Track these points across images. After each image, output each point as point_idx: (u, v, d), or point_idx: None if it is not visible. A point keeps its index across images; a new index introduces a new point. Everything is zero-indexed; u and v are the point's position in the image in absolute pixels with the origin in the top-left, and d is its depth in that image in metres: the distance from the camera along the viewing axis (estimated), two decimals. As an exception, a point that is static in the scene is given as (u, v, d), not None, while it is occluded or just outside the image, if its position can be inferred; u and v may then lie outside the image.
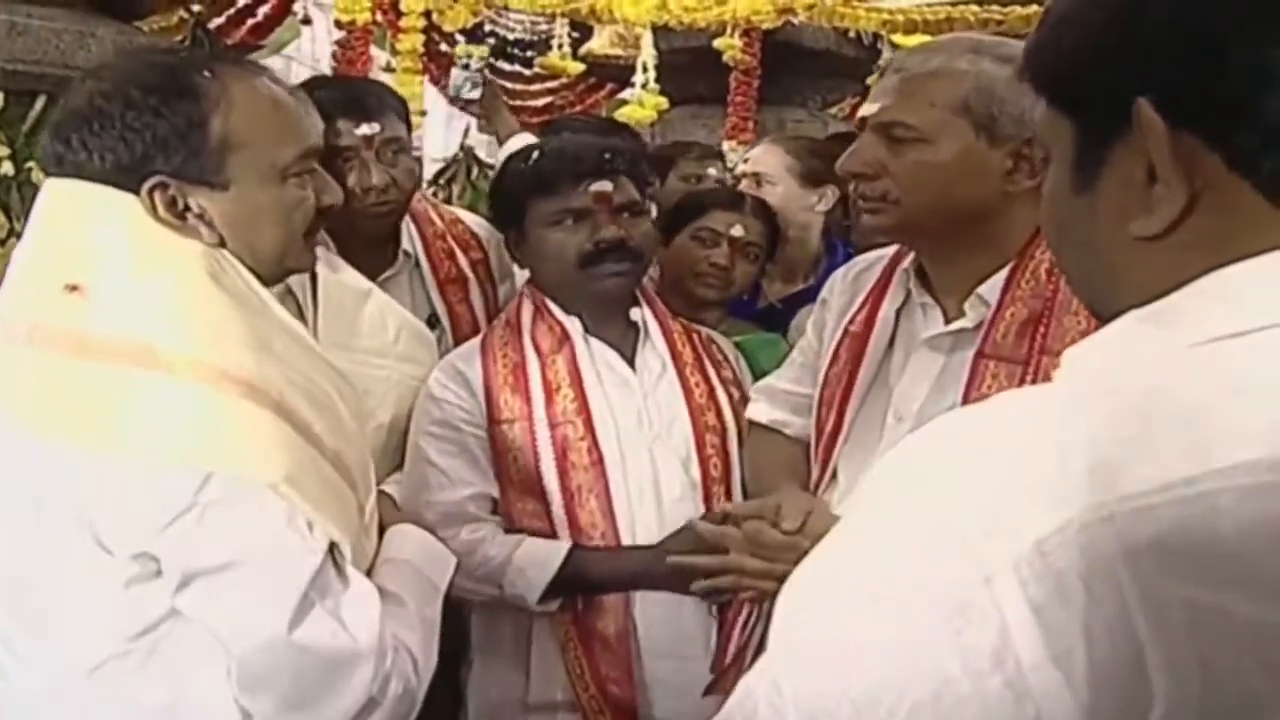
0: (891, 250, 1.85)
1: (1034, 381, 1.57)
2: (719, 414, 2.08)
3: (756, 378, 2.25)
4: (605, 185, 2.01)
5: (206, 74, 1.36)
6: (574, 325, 2.05)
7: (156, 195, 1.32)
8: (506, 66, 8.68)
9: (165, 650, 1.28)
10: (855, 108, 7.54)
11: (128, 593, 1.26)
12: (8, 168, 3.07)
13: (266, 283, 1.40)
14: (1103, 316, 0.82)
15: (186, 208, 1.34)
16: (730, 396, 2.12)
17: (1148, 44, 0.74)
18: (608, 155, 2.03)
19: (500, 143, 3.48)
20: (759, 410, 2.03)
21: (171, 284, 1.28)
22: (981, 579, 0.63)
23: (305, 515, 1.25)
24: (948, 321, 1.69)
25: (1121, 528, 0.62)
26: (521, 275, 2.38)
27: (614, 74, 8.07)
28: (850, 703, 0.66)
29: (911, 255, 1.78)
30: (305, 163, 1.43)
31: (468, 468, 1.98)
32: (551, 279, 2.08)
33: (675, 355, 2.09)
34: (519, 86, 8.62)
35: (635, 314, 2.11)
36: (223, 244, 1.36)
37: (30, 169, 2.54)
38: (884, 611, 0.66)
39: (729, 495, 2.05)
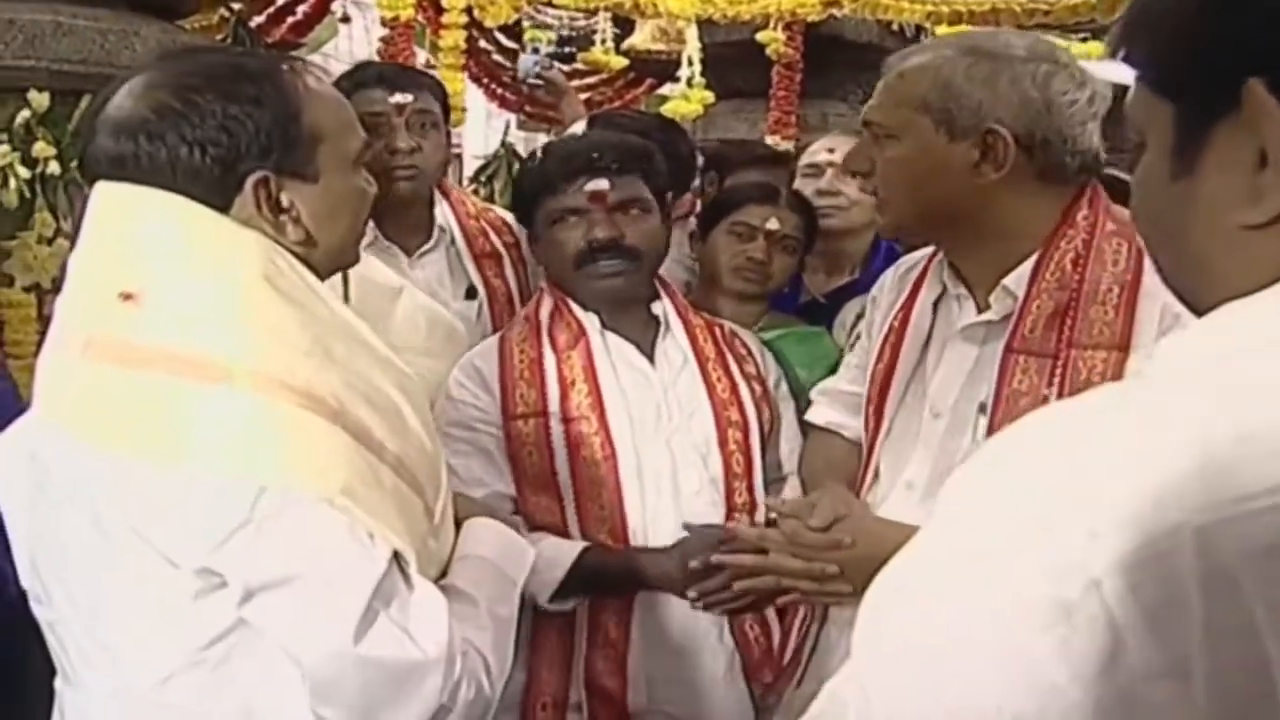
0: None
1: (1064, 375, 1.56)
2: (741, 408, 2.06)
3: (797, 372, 2.24)
4: (600, 184, 2.00)
5: (285, 67, 1.35)
6: (591, 320, 2.05)
7: (260, 191, 1.30)
8: (546, 62, 8.68)
9: (236, 659, 1.26)
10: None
11: (195, 605, 1.24)
12: (54, 167, 3.09)
13: (321, 278, 1.37)
14: (1197, 309, 0.79)
15: (279, 204, 1.32)
16: (753, 392, 2.10)
17: (1259, 21, 0.71)
18: (595, 154, 2.03)
19: (564, 128, 3.49)
20: (817, 413, 2.01)
21: (226, 289, 1.26)
22: (1088, 582, 0.60)
23: (365, 526, 1.22)
24: (980, 313, 1.69)
25: (1243, 531, 0.59)
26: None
27: (655, 69, 8.05)
28: (945, 711, 0.63)
29: None
30: (365, 152, 1.44)
31: (483, 468, 1.98)
32: (558, 277, 2.09)
33: (696, 349, 2.08)
34: (559, 82, 8.61)
35: (657, 307, 2.10)
36: (309, 241, 1.34)
37: (77, 167, 2.54)
38: (978, 617, 0.64)
39: (750, 491, 2.04)
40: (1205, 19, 0.74)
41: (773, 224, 2.44)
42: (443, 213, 2.58)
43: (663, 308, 2.10)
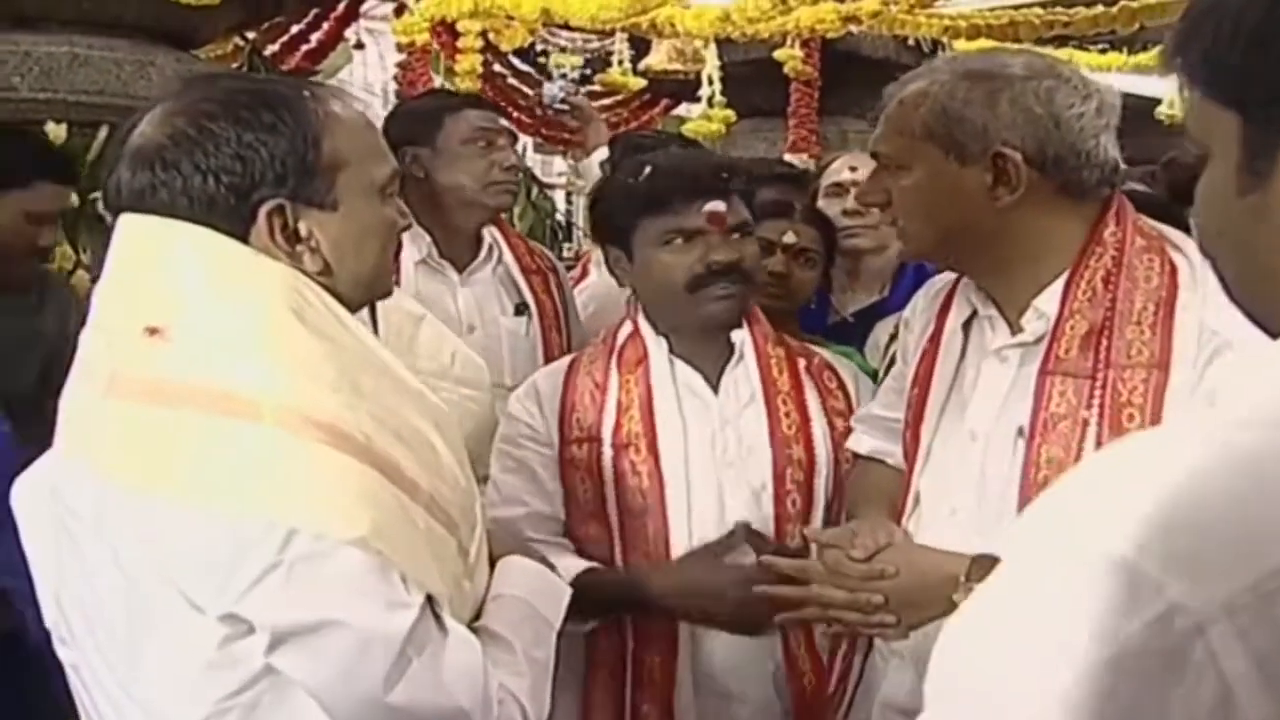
0: None
1: (1104, 396, 1.51)
2: (808, 446, 1.98)
3: None
4: (720, 205, 1.93)
5: (307, 93, 1.31)
6: (658, 345, 1.98)
7: (274, 219, 1.26)
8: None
9: (265, 707, 1.21)
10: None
11: (222, 652, 1.19)
12: (73, 199, 3.08)
13: (350, 310, 1.33)
14: (1270, 328, 0.74)
15: (296, 233, 1.28)
16: (832, 428, 2.02)
17: None
18: (725, 174, 1.96)
19: (587, 153, 3.51)
20: (859, 441, 1.96)
21: (253, 323, 1.22)
22: (1190, 628, 0.56)
23: (397, 568, 1.18)
24: (1013, 334, 1.64)
25: None
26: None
27: (671, 89, 8.04)
28: None
29: None
30: (395, 181, 1.38)
31: (524, 485, 1.93)
32: (657, 300, 2.00)
33: (768, 382, 2.00)
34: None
35: (736, 336, 2.02)
36: (328, 271, 1.30)
37: (96, 200, 2.53)
38: (1070, 669, 0.59)
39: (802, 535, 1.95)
40: (1273, 22, 0.69)
41: (789, 237, 2.40)
42: (490, 232, 2.69)
43: (741, 336, 2.02)
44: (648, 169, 2.00)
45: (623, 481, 1.90)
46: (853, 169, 2.81)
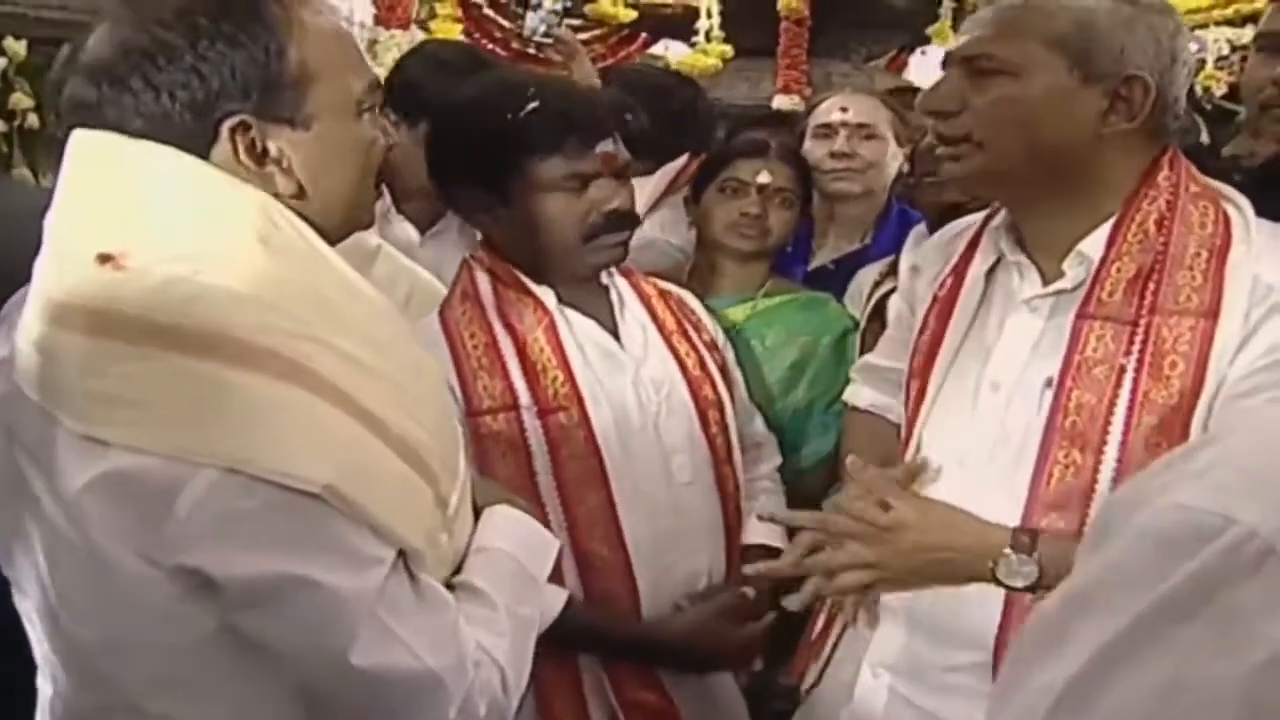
0: (982, 215, 1.74)
1: (1145, 343, 1.46)
2: (713, 384, 1.91)
3: (801, 340, 2.15)
4: (613, 146, 1.81)
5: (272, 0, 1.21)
6: (548, 296, 1.83)
7: (239, 137, 1.16)
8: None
9: (224, 667, 1.14)
10: (895, 60, 7.36)
11: (175, 607, 1.11)
12: (33, 120, 2.98)
13: (331, 241, 1.23)
14: None
15: (265, 151, 1.19)
16: (715, 362, 1.95)
17: None
18: (629, 115, 1.89)
19: None
20: (858, 394, 1.90)
21: (215, 251, 1.12)
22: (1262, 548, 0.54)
23: (365, 518, 1.10)
24: (1046, 283, 1.59)
25: None
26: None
27: (652, 25, 7.90)
28: None
29: (1003, 214, 1.67)
30: (374, 95, 1.28)
31: None
32: (541, 249, 1.82)
33: (657, 323, 1.91)
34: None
35: (604, 279, 1.91)
36: (301, 194, 1.21)
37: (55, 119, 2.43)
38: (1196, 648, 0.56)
39: (735, 480, 1.91)
40: None
41: (764, 177, 2.35)
42: None
43: (612, 280, 1.91)
44: (532, 103, 1.79)
45: (556, 450, 1.76)
46: (843, 109, 2.74)
